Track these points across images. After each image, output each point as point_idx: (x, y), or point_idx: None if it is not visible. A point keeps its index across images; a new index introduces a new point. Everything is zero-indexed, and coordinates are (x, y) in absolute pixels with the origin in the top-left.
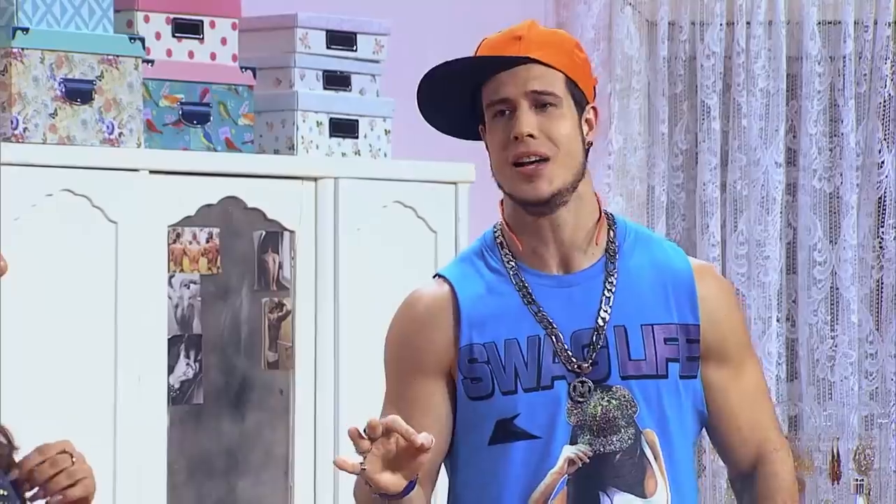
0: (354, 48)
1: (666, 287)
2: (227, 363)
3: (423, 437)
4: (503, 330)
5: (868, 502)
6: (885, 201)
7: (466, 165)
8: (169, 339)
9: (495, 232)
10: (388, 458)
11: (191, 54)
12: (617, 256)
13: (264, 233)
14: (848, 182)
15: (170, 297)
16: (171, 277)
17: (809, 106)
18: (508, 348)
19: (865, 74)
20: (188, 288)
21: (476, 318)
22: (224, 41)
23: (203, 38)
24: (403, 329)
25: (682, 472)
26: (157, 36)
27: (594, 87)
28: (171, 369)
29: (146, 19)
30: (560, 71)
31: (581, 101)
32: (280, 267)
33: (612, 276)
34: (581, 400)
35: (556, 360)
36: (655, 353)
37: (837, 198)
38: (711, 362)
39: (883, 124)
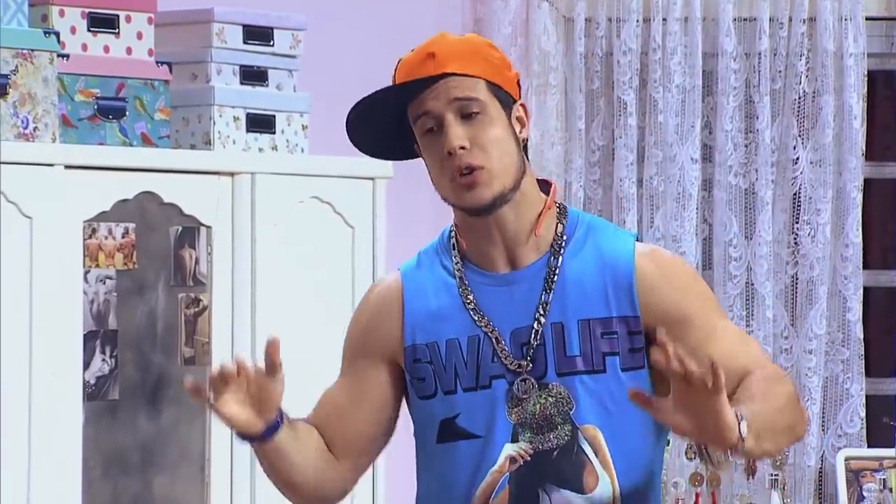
0: (271, 43)
1: (606, 280)
2: (143, 359)
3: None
4: (446, 329)
5: (783, 497)
6: (799, 197)
7: (384, 161)
8: (84, 335)
9: (451, 231)
10: (248, 397)
11: (106, 49)
12: (562, 251)
13: (181, 228)
14: (763, 178)
15: (85, 293)
16: (86, 273)
17: (725, 102)
18: (450, 348)
19: (780, 71)
20: (104, 283)
21: (419, 317)
22: (140, 35)
23: (119, 32)
24: (357, 315)
25: (636, 464)
26: (73, 30)
27: (518, 82)
28: (86, 365)
29: (61, 13)
30: (479, 77)
31: (507, 101)
32: (196, 262)
33: (555, 272)
34: (523, 397)
35: (495, 360)
36: (592, 348)
37: (753, 194)
38: (671, 333)
39: (798, 121)
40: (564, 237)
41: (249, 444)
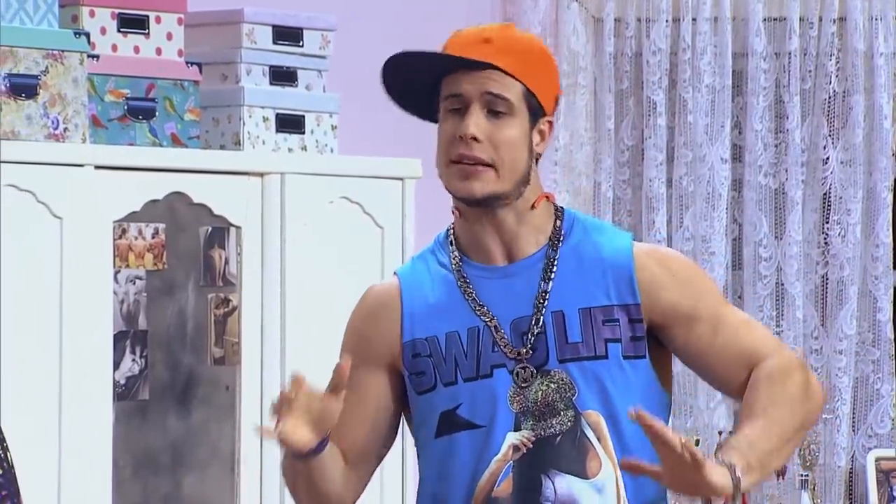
0: (301, 43)
1: (605, 271)
2: (173, 359)
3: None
4: (445, 323)
5: (813, 498)
6: (829, 197)
7: (413, 161)
8: (114, 335)
9: (449, 229)
10: (304, 415)
11: (136, 49)
12: (560, 244)
13: (210, 228)
14: (793, 178)
15: (115, 293)
16: (116, 273)
17: (755, 102)
18: (450, 341)
19: (810, 71)
20: (134, 284)
21: (417, 312)
22: (170, 36)
23: (149, 33)
24: (354, 320)
25: (638, 451)
26: (103, 31)
27: (556, 99)
28: (116, 365)
29: (91, 14)
30: (520, 81)
31: (537, 112)
32: (226, 263)
33: (553, 262)
34: (524, 385)
35: (496, 350)
36: (594, 334)
37: (783, 194)
38: (678, 327)
39: (828, 120)
40: (562, 231)
41: (299, 459)
